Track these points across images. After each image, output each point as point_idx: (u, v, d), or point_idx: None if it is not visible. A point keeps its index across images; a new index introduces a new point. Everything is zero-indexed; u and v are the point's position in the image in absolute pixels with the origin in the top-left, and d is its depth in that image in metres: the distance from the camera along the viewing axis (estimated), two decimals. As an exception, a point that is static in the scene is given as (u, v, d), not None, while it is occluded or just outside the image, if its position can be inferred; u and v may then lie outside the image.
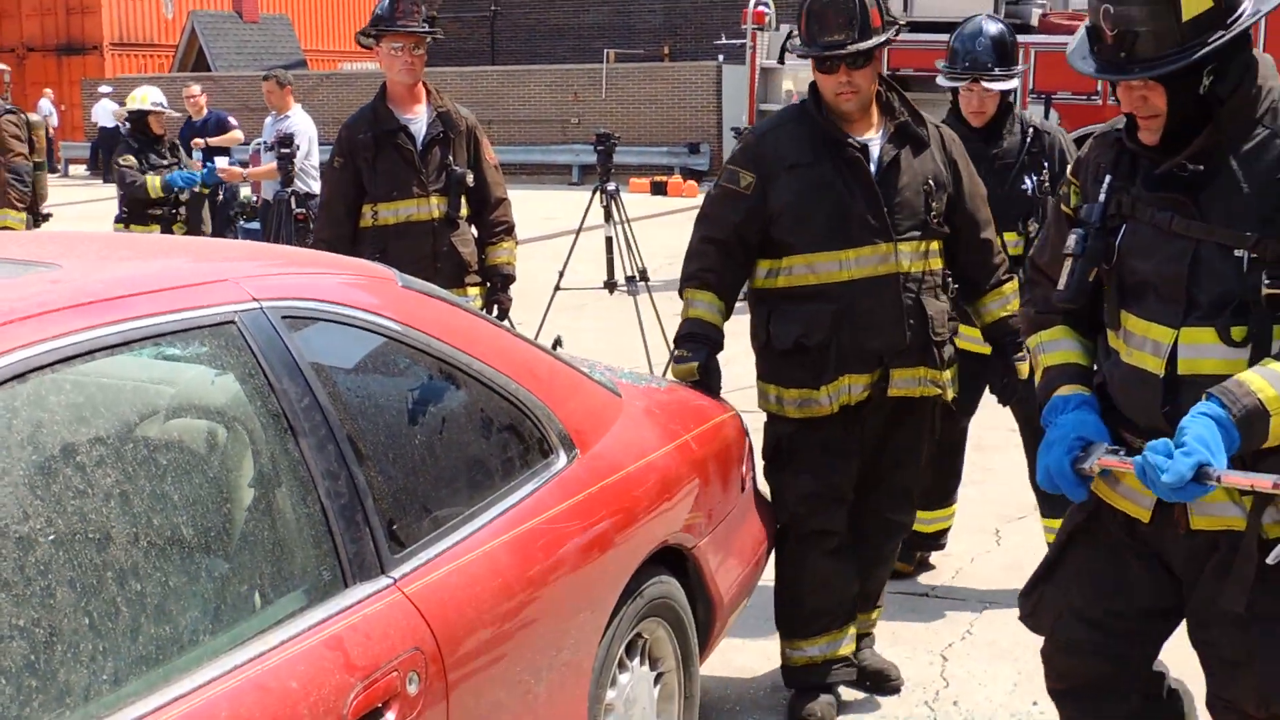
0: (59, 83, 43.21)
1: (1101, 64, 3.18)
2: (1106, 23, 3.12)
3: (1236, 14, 3.11)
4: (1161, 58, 3.07)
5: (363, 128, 6.54)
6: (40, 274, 2.92)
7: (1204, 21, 3.06)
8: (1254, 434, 3.03)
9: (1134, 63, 3.11)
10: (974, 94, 6.11)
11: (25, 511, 2.43)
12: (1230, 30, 3.08)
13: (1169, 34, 3.06)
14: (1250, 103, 3.20)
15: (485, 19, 41.60)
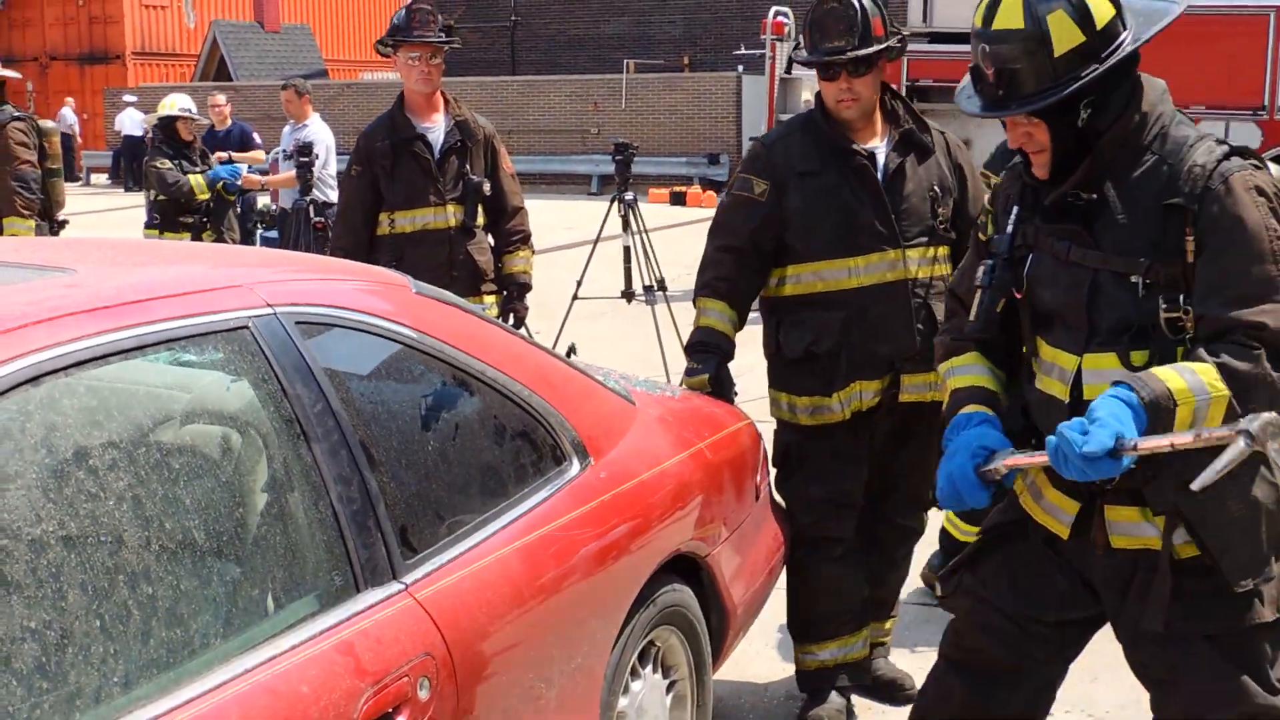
0: (81, 92, 43.38)
1: (984, 103, 3.25)
2: (985, 62, 3.20)
3: (1112, 47, 3.17)
4: (1038, 94, 3.14)
5: (380, 136, 6.57)
6: (55, 278, 2.94)
7: (1077, 56, 3.13)
8: (1159, 422, 3.00)
9: (1012, 100, 3.18)
10: None
11: (39, 515, 2.44)
12: (1105, 63, 3.15)
13: (1044, 70, 3.13)
14: (1134, 131, 3.24)
15: (506, 29, 41.67)
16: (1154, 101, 3.27)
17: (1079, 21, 3.13)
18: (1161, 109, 3.27)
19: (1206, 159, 3.17)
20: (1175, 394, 3.00)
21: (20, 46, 45.02)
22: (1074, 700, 5.04)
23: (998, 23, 3.18)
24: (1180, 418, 3.00)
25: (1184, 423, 3.01)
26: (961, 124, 15.27)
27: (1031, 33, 3.13)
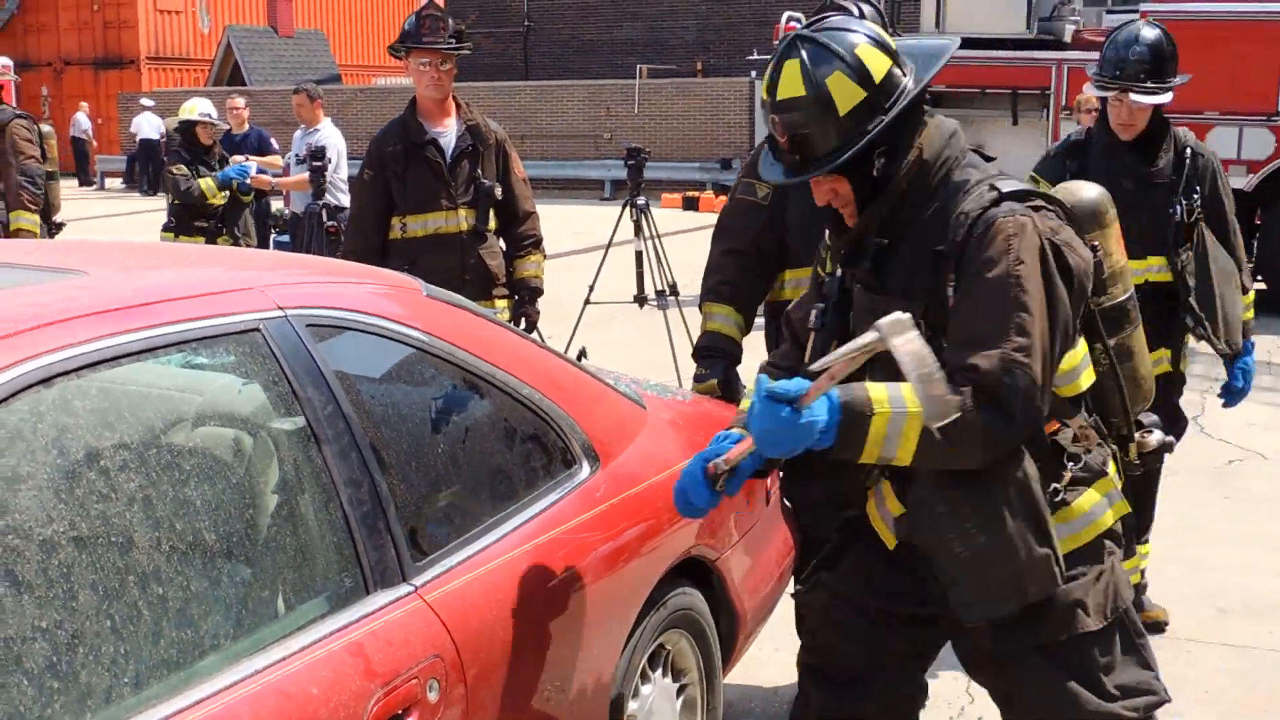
0: (96, 96, 43.50)
1: (785, 169, 3.29)
2: (778, 131, 3.25)
3: (895, 95, 3.21)
4: (831, 154, 3.19)
5: (392, 140, 6.59)
6: (67, 280, 2.96)
7: (862, 111, 3.17)
8: (852, 427, 3.04)
9: (809, 164, 3.23)
10: (1123, 106, 5.61)
11: (50, 515, 2.45)
12: (890, 113, 3.19)
13: (832, 131, 3.18)
14: (917, 176, 3.27)
15: (519, 34, 41.73)
16: (939, 145, 3.29)
17: (857, 79, 3.17)
18: (948, 152, 3.29)
19: (973, 205, 3.19)
20: (873, 402, 3.06)
21: (35, 51, 45.18)
22: None
23: (781, 93, 3.22)
24: (874, 428, 3.05)
25: (878, 433, 3.06)
26: (975, 131, 15.32)
27: (814, 98, 3.17)
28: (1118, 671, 3.35)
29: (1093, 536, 3.34)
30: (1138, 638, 3.42)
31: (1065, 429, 3.32)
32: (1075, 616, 3.29)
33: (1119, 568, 3.40)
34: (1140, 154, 5.64)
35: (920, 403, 2.96)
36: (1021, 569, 3.19)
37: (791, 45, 3.22)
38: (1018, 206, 3.17)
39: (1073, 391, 3.34)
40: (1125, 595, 3.38)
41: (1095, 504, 3.34)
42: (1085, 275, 3.23)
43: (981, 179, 3.25)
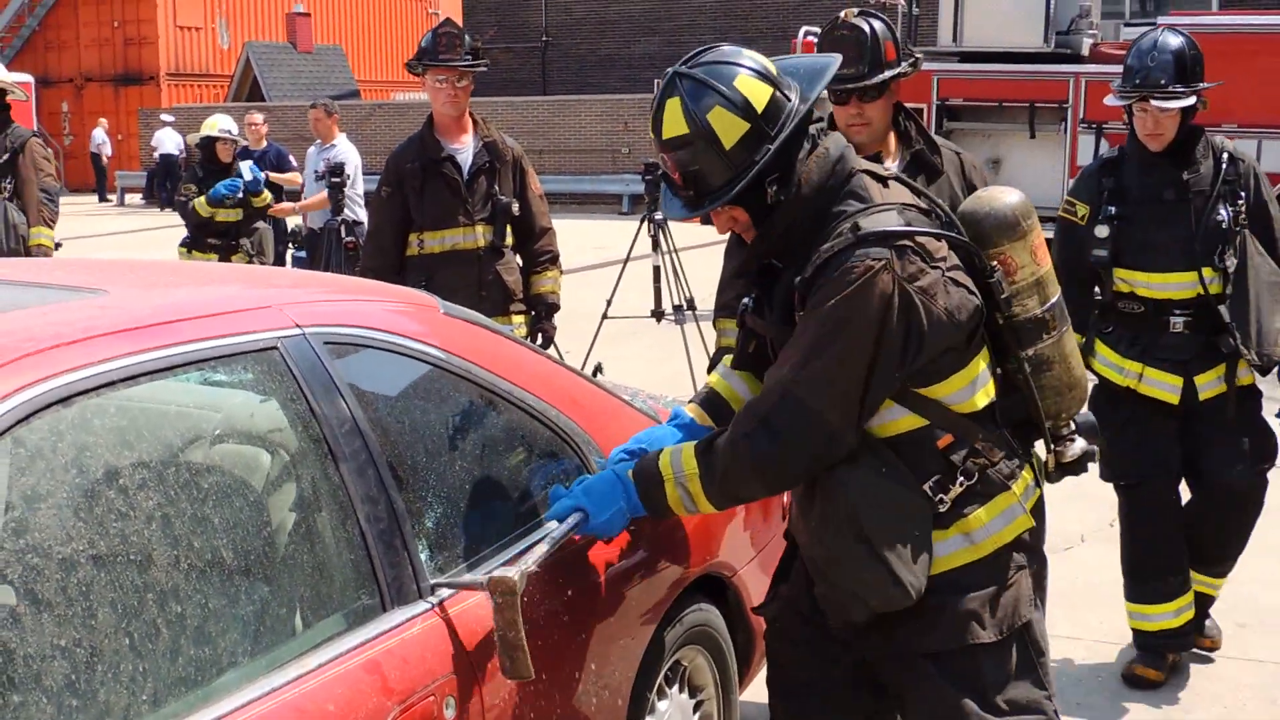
0: (116, 112, 43.72)
1: (683, 205, 3.31)
2: (670, 169, 3.28)
3: (780, 122, 3.22)
4: (723, 187, 3.22)
5: (410, 157, 6.61)
6: (87, 299, 2.98)
7: (748, 142, 3.19)
8: (651, 497, 3.39)
9: (704, 197, 3.25)
10: (1147, 115, 5.42)
11: (69, 533, 2.47)
12: (776, 140, 3.20)
13: (721, 164, 3.20)
14: (799, 208, 3.27)
15: (537, 50, 41.80)
16: (819, 178, 3.28)
17: (739, 112, 3.18)
18: (831, 182, 3.29)
19: (829, 246, 3.19)
20: (660, 469, 3.36)
21: (56, 68, 45.42)
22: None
23: (666, 132, 3.24)
24: (669, 493, 3.36)
25: (674, 498, 3.36)
26: (993, 144, 15.32)
27: (698, 134, 3.18)
28: (1009, 687, 3.35)
29: (992, 550, 3.33)
30: (1037, 656, 3.42)
31: (960, 445, 3.30)
32: (968, 628, 3.31)
33: (1024, 583, 3.40)
34: (1176, 164, 5.48)
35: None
36: (854, 584, 3.27)
37: (671, 83, 3.24)
38: (873, 251, 3.14)
39: (968, 409, 3.32)
40: (1024, 612, 3.38)
41: (994, 518, 3.33)
42: (945, 316, 3.19)
43: (854, 212, 3.24)
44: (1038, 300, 3.46)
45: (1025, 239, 3.45)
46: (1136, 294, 5.51)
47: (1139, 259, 5.45)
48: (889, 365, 3.16)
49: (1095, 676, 5.72)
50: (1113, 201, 5.49)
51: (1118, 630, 6.11)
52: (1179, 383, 5.44)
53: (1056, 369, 3.51)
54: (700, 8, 39.27)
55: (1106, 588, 6.64)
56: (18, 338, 2.59)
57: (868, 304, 3.11)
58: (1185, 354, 5.46)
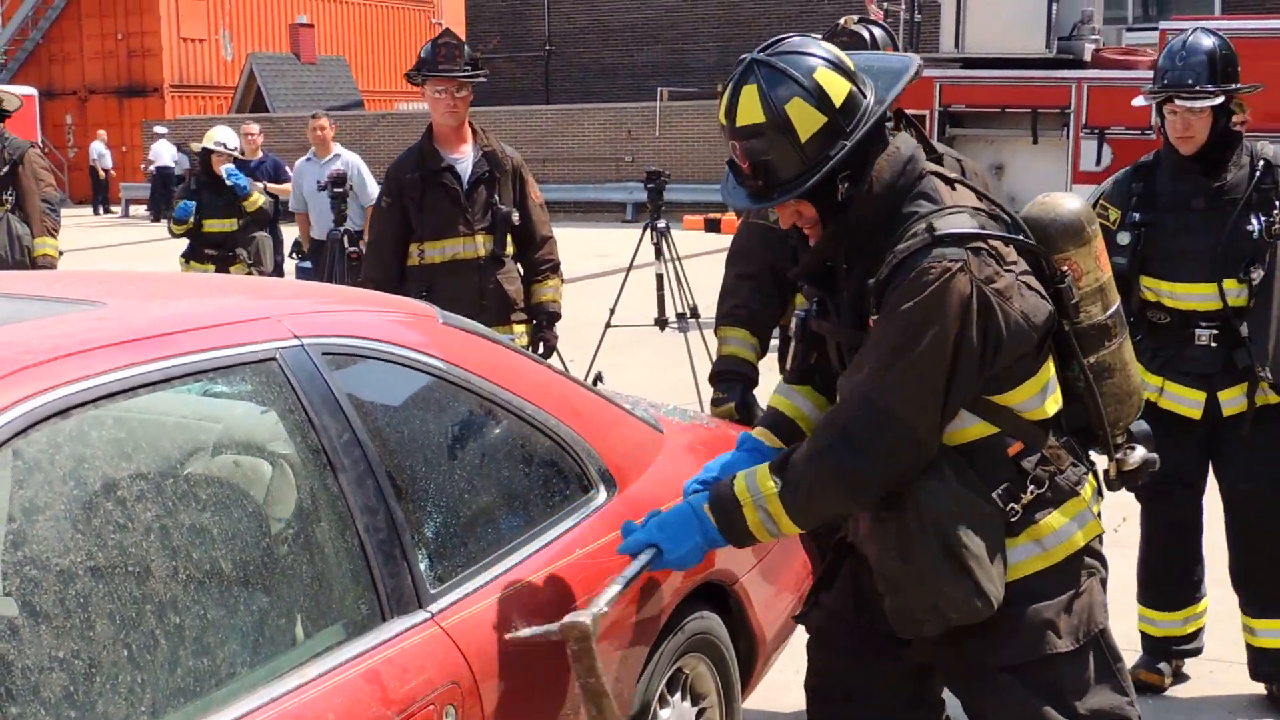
0: (120, 125, 43.79)
1: (749, 195, 3.28)
2: (739, 157, 3.23)
3: (856, 118, 3.18)
4: (794, 180, 3.17)
5: (409, 167, 6.62)
6: (85, 311, 2.98)
7: (823, 137, 3.14)
8: (732, 524, 3.30)
9: (772, 189, 3.21)
10: (1177, 116, 5.25)
11: (68, 545, 2.47)
12: (852, 137, 3.16)
13: (794, 157, 3.15)
14: (870, 207, 3.24)
15: (540, 58, 41.84)
16: (890, 176, 3.24)
17: (817, 104, 3.14)
18: (901, 182, 3.25)
19: (904, 246, 3.16)
20: (737, 494, 3.27)
21: (60, 80, 45.49)
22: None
23: (740, 119, 3.19)
24: (749, 518, 3.27)
25: (755, 521, 3.27)
26: (995, 150, 15.31)
27: (774, 124, 3.14)
28: (1090, 695, 3.33)
29: (1064, 556, 3.31)
30: (1114, 662, 3.40)
31: (1030, 451, 3.29)
32: (1045, 637, 3.28)
33: (1097, 589, 3.39)
34: (1207, 169, 5.30)
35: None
36: (934, 598, 3.21)
37: (748, 69, 3.19)
38: (949, 252, 3.11)
39: (1038, 416, 3.30)
40: (1100, 618, 3.36)
41: (1064, 524, 3.31)
42: (1021, 321, 3.17)
43: (928, 213, 3.20)
44: (1101, 306, 3.46)
45: (1090, 245, 3.45)
46: (1163, 304, 5.37)
47: (1164, 267, 5.31)
48: (969, 368, 3.12)
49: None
50: (1140, 207, 5.35)
51: (1126, 635, 6.10)
52: (1201, 397, 5.31)
53: (1117, 376, 3.51)
54: (703, 17, 39.29)
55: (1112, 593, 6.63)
56: (16, 350, 2.60)
57: (946, 306, 3.08)
58: (1209, 368, 5.31)
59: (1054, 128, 15.03)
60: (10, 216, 9.53)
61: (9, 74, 44.09)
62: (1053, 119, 15.05)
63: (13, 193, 9.54)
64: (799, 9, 36.76)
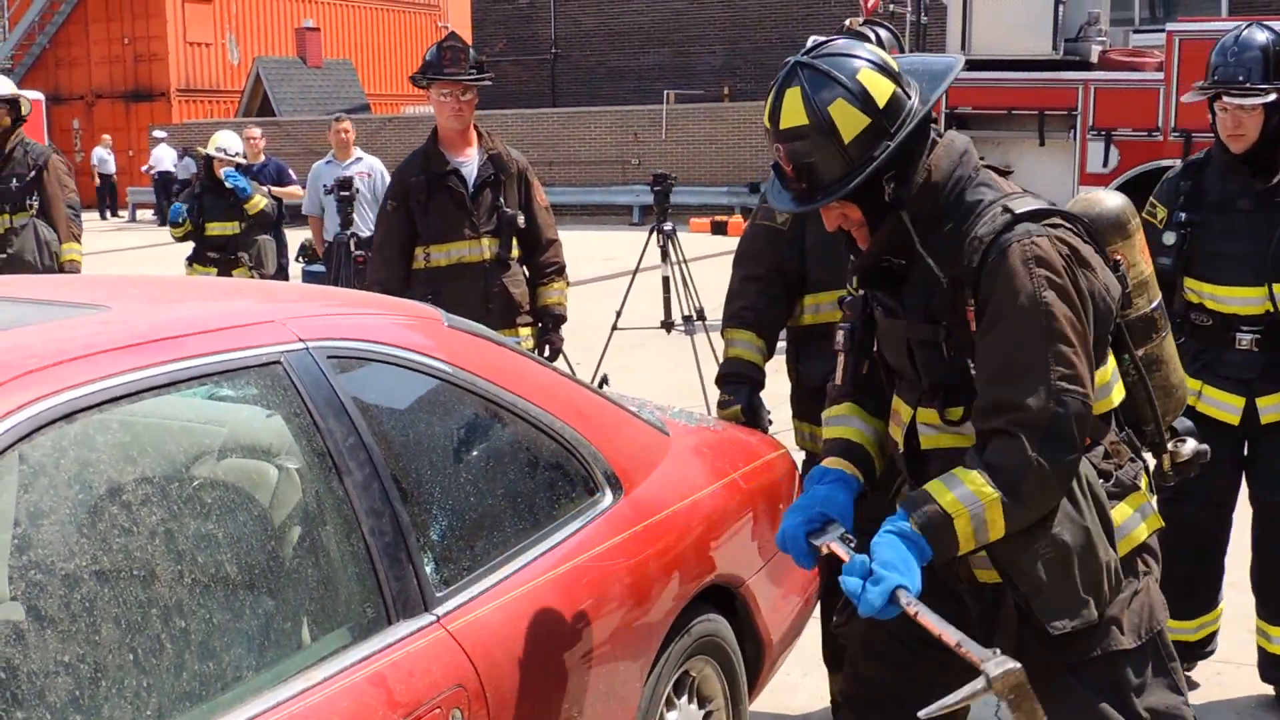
0: (127, 129, 43.85)
1: (794, 198, 3.26)
2: (784, 160, 3.21)
3: (900, 118, 3.16)
4: (839, 181, 3.15)
5: (415, 171, 6.61)
6: (90, 315, 2.98)
7: (868, 137, 3.12)
8: (941, 540, 3.09)
9: (817, 191, 3.18)
10: (1227, 114, 5.15)
11: (74, 549, 2.47)
12: (896, 138, 3.14)
13: (839, 158, 3.13)
14: (928, 198, 3.23)
15: (546, 62, 41.86)
16: (949, 167, 3.25)
17: (861, 106, 3.12)
18: (959, 173, 3.25)
19: (987, 229, 3.15)
20: (946, 508, 3.08)
21: (67, 85, 45.55)
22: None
23: (784, 122, 3.17)
24: (960, 529, 3.08)
25: (966, 533, 3.08)
26: (1002, 152, 15.29)
27: (818, 126, 3.12)
28: (1148, 694, 3.30)
29: (1127, 551, 3.29)
30: (1169, 661, 3.37)
31: (1096, 445, 3.28)
32: (1109, 634, 3.24)
33: (1154, 587, 3.36)
34: (1255, 170, 5.20)
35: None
36: (1102, 568, 3.18)
37: (792, 72, 3.18)
38: (1033, 228, 3.12)
39: (1105, 408, 3.30)
40: (1160, 616, 3.34)
41: (1128, 518, 3.29)
42: (1104, 295, 3.20)
43: (995, 199, 3.21)
44: (1146, 299, 3.50)
45: (1133, 238, 3.50)
46: (1205, 306, 5.29)
47: (1207, 269, 5.23)
48: (1087, 332, 3.13)
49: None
50: (1187, 206, 5.27)
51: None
52: (1240, 403, 5.24)
53: (1164, 369, 3.54)
54: (709, 19, 39.31)
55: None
56: (21, 354, 2.60)
57: (1053, 273, 3.08)
58: (1250, 373, 5.23)
59: (1061, 130, 15.02)
60: (37, 222, 9.60)
61: (16, 79, 44.10)
62: (1059, 121, 15.03)
63: (37, 198, 9.59)
64: (805, 11, 36.77)
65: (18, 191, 9.54)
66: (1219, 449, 5.18)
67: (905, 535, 3.09)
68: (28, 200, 9.56)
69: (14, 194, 9.53)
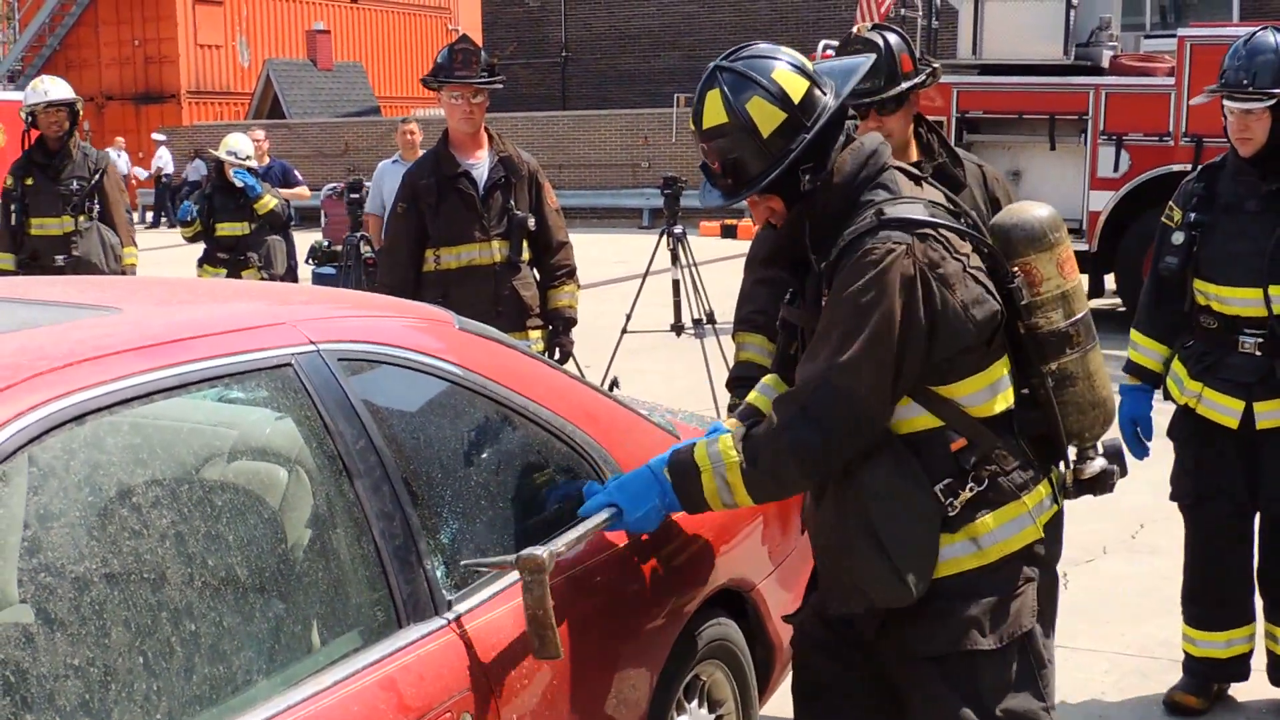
0: (137, 131, 43.86)
1: (722, 193, 3.43)
2: (710, 158, 3.40)
3: (816, 113, 3.34)
4: (761, 175, 3.34)
5: (425, 173, 6.61)
6: (100, 317, 2.97)
7: (785, 131, 3.31)
8: (686, 489, 3.40)
9: (741, 185, 3.38)
10: (1234, 116, 5.16)
11: (83, 552, 2.46)
12: (812, 130, 3.32)
13: (759, 152, 3.32)
14: (830, 197, 3.36)
15: (557, 65, 41.86)
16: (851, 168, 3.38)
17: (776, 102, 3.30)
18: (864, 174, 3.38)
19: (854, 229, 3.29)
20: (698, 461, 3.38)
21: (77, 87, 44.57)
22: None
23: (706, 122, 3.37)
24: (706, 484, 3.38)
25: (711, 489, 3.37)
26: (1013, 156, 15.28)
27: (736, 123, 3.31)
28: (1008, 697, 3.36)
29: (998, 557, 3.35)
30: (1039, 668, 3.42)
31: (972, 449, 3.33)
32: (969, 633, 3.33)
33: (1029, 594, 3.40)
34: (1264, 172, 5.18)
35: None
36: (857, 576, 3.32)
37: (712, 75, 3.36)
38: (894, 234, 3.24)
39: (984, 413, 3.35)
40: (1025, 621, 3.38)
41: (1002, 525, 3.35)
42: (962, 311, 3.25)
43: (882, 200, 3.33)
44: (1062, 314, 3.49)
45: (1051, 251, 3.50)
46: (1212, 308, 5.26)
47: (1214, 271, 5.21)
48: (917, 346, 3.22)
49: (1118, 689, 5.68)
50: (1198, 208, 5.27)
51: (1138, 643, 6.09)
52: (1239, 406, 5.19)
53: (1080, 385, 3.53)
54: (720, 23, 39.26)
55: (1129, 600, 6.62)
56: (31, 356, 2.60)
57: (891, 286, 3.19)
58: (1250, 376, 5.18)
59: (1072, 134, 14.99)
60: (99, 225, 9.69)
61: (26, 80, 44.16)
62: (1070, 125, 15.00)
63: (97, 201, 9.65)
64: (815, 15, 36.73)
65: (79, 195, 9.62)
66: (1226, 452, 5.25)
67: (655, 474, 3.44)
68: (90, 204, 9.65)
69: (76, 197, 9.61)
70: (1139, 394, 5.42)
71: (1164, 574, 6.19)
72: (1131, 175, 14.57)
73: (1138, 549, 7.41)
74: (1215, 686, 5.53)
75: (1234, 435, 5.23)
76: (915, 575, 3.26)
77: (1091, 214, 14.75)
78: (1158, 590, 6.38)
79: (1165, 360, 5.39)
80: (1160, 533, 7.23)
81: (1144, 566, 7.08)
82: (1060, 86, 15.16)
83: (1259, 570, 5.42)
